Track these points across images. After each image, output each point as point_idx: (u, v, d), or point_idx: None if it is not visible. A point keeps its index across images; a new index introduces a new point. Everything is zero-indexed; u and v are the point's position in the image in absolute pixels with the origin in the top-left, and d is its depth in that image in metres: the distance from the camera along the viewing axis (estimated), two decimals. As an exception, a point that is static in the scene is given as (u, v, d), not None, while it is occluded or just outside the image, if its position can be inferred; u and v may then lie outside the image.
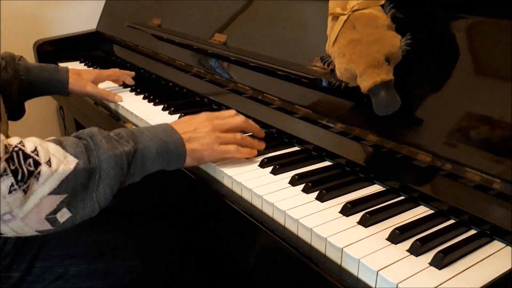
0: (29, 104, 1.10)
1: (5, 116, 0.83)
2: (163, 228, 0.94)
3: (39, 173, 0.56)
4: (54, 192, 0.57)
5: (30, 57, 1.57)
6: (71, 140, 0.62)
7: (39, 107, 1.78)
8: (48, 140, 0.60)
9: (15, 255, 0.76)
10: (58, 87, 1.10)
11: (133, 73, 1.26)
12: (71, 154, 0.59)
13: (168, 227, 0.95)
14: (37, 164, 0.56)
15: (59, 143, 0.60)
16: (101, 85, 1.24)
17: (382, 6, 0.72)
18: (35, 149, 0.57)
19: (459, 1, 0.71)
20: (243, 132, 0.81)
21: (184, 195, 0.90)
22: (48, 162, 0.57)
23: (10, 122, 0.88)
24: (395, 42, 0.68)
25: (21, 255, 0.76)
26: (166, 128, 0.72)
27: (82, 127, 1.46)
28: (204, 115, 0.78)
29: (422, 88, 0.71)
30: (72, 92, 1.12)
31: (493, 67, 0.66)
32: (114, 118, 1.09)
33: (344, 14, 0.71)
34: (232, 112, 0.82)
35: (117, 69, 1.24)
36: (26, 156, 0.56)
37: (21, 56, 1.09)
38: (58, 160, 0.58)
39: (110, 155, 0.62)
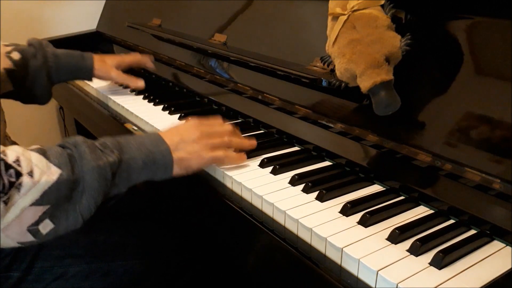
0: (29, 105, 1.10)
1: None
2: (163, 228, 0.94)
3: (20, 184, 0.55)
4: (36, 203, 0.56)
5: (30, 57, 1.57)
6: (56, 150, 0.61)
7: (39, 107, 1.77)
8: (32, 150, 0.59)
9: (15, 255, 0.76)
10: (84, 73, 1.13)
11: (152, 56, 1.26)
12: (54, 165, 0.58)
13: (168, 227, 0.95)
14: (18, 174, 0.55)
15: (42, 153, 0.59)
16: (102, 84, 1.25)
17: (382, 6, 0.72)
18: (17, 159, 0.55)
19: (459, 1, 0.71)
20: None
21: (184, 195, 0.90)
22: (30, 173, 0.55)
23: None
24: (395, 42, 0.68)
25: (21, 255, 0.76)
26: (154, 137, 0.70)
27: (82, 127, 1.46)
28: (191, 122, 0.76)
29: (422, 88, 0.71)
30: (96, 77, 1.15)
31: (493, 67, 0.66)
32: (114, 118, 1.09)
33: (344, 14, 0.71)
34: (220, 119, 0.81)
35: (138, 54, 1.24)
36: (8, 166, 0.54)
37: (48, 42, 1.10)
38: (40, 171, 0.56)
39: (93, 166, 0.61)
